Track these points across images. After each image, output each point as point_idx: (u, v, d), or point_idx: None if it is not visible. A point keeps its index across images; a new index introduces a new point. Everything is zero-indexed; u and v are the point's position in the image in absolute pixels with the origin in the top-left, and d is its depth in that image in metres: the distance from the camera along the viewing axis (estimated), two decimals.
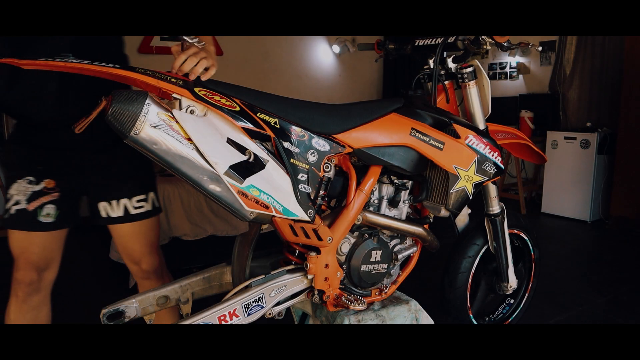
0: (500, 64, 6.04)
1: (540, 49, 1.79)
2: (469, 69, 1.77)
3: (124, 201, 1.65)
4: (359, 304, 1.49)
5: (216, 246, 3.32)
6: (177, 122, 1.20)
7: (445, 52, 1.79)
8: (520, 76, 5.86)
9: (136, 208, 1.67)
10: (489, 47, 1.72)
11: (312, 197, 1.43)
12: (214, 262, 1.66)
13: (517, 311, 2.25)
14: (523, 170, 5.71)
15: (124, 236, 1.69)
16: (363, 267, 1.57)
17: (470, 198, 1.70)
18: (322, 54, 6.47)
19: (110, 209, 1.65)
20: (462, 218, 2.02)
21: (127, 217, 1.67)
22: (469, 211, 2.03)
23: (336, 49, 6.44)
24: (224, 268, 1.63)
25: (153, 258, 1.73)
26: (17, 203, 1.52)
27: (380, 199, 1.63)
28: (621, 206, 4.36)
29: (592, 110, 5.05)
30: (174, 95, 1.21)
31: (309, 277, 1.48)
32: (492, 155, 1.71)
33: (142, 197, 1.68)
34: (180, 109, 1.22)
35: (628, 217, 4.32)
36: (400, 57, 1.97)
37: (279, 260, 1.62)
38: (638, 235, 4.20)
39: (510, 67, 5.95)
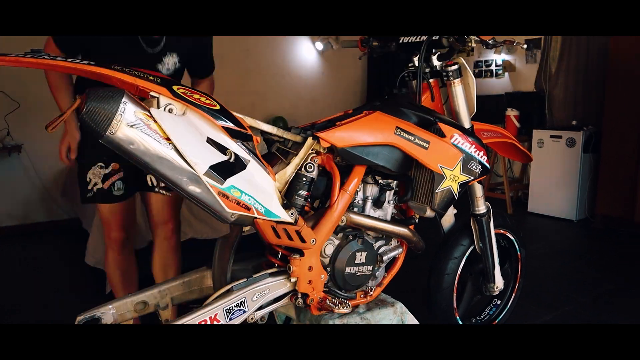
0: (486, 61, 6.05)
1: (525, 46, 1.77)
2: (454, 67, 1.75)
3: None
4: (343, 307, 1.47)
5: (196, 249, 3.27)
6: (155, 121, 1.17)
7: (431, 49, 1.77)
8: (506, 74, 5.88)
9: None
10: (474, 45, 1.71)
11: None
12: (194, 266, 1.62)
13: (504, 312, 2.24)
14: (509, 170, 5.73)
15: (159, 202, 2.05)
16: (347, 269, 1.54)
17: (456, 198, 1.69)
18: (305, 52, 6.31)
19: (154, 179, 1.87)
20: (448, 218, 2.00)
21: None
22: (455, 211, 2.01)
23: (319, 46, 6.24)
24: (204, 272, 1.60)
25: (176, 222, 2.17)
26: (96, 184, 1.93)
27: (365, 199, 1.61)
28: (607, 205, 4.38)
29: (578, 108, 5.07)
30: (152, 93, 1.18)
31: (292, 280, 1.45)
32: (478, 155, 1.69)
33: None
34: (159, 107, 1.19)
35: (613, 216, 4.34)
36: (385, 54, 1.94)
37: (261, 263, 1.59)
38: (623, 233, 4.23)
39: (496, 65, 5.96)
